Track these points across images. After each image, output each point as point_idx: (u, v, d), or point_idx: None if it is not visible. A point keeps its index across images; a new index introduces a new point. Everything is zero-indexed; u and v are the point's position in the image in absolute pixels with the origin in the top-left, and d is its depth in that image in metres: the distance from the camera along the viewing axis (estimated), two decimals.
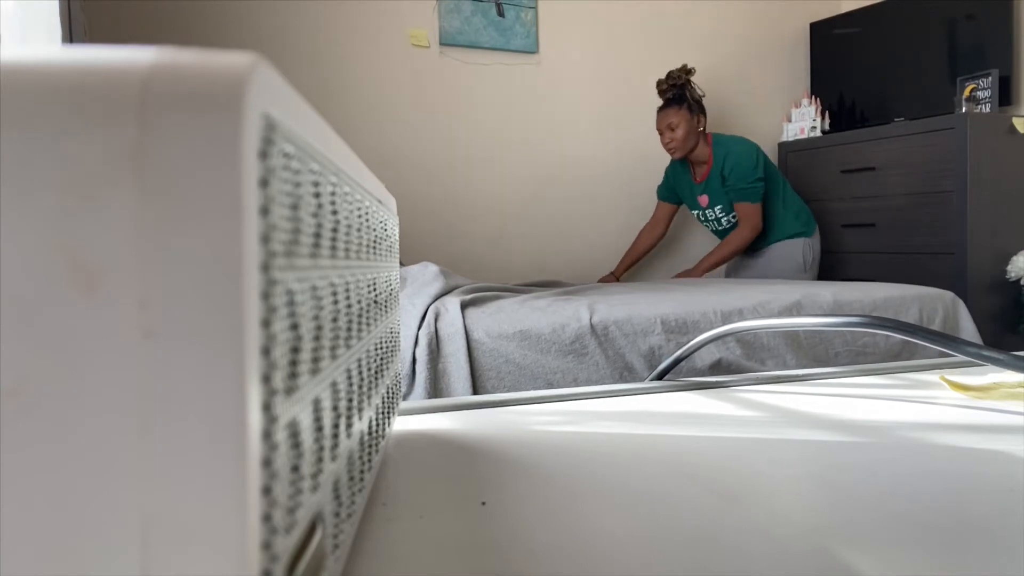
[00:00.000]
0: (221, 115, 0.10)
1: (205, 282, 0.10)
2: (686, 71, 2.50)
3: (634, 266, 2.81)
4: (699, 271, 2.57)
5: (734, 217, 2.57)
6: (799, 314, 1.68)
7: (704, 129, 2.53)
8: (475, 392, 1.44)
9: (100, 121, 0.10)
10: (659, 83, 2.55)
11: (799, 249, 2.55)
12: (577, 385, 1.48)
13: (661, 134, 2.54)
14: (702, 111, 2.52)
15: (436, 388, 1.43)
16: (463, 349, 1.44)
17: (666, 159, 2.76)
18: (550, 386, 1.48)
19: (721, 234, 2.67)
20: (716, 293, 1.77)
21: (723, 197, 2.54)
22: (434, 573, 0.20)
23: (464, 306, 1.57)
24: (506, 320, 1.52)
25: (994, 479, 0.27)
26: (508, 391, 1.45)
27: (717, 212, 2.59)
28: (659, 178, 2.83)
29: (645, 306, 1.59)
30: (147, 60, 0.11)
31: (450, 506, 0.25)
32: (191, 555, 0.10)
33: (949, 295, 1.88)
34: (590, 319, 1.52)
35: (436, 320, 1.50)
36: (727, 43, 3.17)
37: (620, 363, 1.51)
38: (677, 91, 2.49)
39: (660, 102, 2.54)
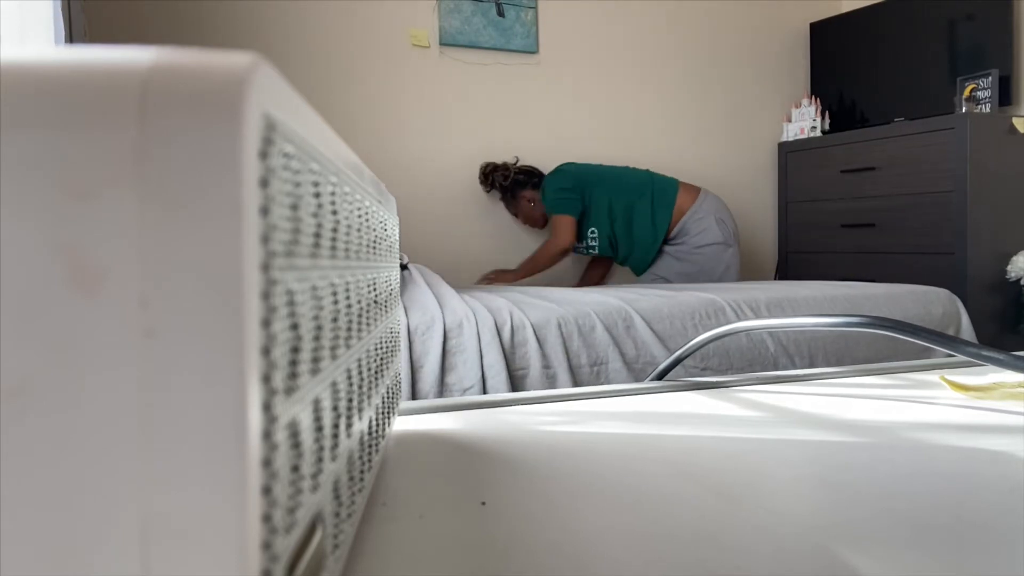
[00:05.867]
0: (221, 115, 0.10)
1: (205, 282, 0.10)
2: (489, 167, 2.67)
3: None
4: (517, 276, 2.55)
5: (593, 242, 2.57)
6: (798, 313, 1.69)
7: (536, 200, 2.62)
8: (512, 383, 1.45)
9: (100, 121, 0.10)
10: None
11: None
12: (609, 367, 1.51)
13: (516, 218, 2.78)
14: (523, 186, 2.62)
15: (483, 380, 1.44)
16: (496, 340, 1.46)
17: (663, 161, 2.76)
18: (577, 371, 1.50)
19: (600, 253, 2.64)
20: (713, 291, 1.78)
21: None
22: (434, 573, 0.20)
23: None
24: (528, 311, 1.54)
25: (994, 479, 0.27)
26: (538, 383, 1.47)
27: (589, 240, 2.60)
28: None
29: (667, 299, 1.65)
30: (147, 60, 0.11)
31: (450, 506, 0.25)
32: (191, 555, 0.10)
33: (945, 292, 1.89)
34: (631, 307, 1.56)
35: (505, 313, 1.51)
36: (727, 42, 3.17)
37: (647, 353, 1.55)
38: (498, 189, 2.68)
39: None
